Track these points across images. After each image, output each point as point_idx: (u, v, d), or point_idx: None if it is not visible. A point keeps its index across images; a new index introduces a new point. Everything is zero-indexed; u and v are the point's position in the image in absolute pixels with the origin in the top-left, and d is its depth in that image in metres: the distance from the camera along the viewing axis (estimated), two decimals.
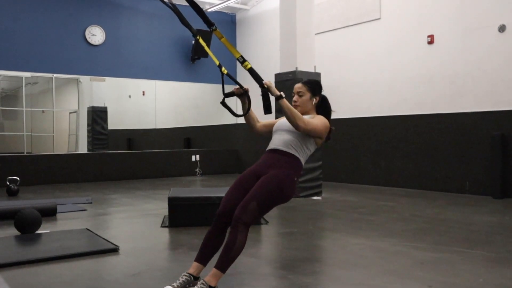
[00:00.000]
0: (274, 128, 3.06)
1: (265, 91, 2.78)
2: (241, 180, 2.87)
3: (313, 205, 6.28)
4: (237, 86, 2.94)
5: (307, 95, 3.05)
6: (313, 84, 3.12)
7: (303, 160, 2.94)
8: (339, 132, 9.04)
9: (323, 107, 3.14)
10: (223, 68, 2.91)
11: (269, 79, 2.95)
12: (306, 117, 2.94)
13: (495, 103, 6.95)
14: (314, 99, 3.07)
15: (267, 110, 2.79)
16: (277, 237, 4.47)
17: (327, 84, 8.48)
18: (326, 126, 2.98)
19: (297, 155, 2.89)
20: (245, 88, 2.91)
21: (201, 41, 2.97)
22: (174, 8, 2.97)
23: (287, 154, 2.87)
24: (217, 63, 2.87)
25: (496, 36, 6.96)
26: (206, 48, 3.04)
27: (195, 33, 2.89)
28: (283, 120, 3.02)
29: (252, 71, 2.79)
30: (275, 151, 2.91)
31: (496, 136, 6.74)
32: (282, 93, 2.76)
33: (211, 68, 11.37)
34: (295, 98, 3.06)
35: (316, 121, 2.94)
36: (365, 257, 3.57)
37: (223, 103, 2.96)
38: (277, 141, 2.94)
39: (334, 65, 9.29)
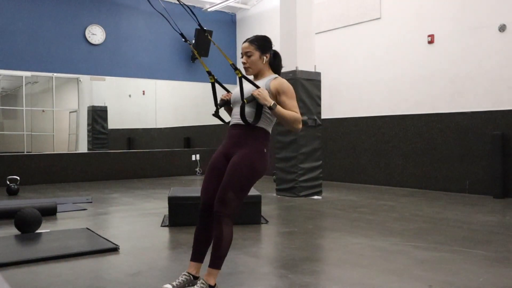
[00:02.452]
0: (232, 100, 2.91)
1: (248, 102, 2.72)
2: (213, 167, 2.79)
3: (313, 205, 6.28)
4: (225, 93, 2.96)
5: (256, 54, 2.83)
6: (261, 41, 2.87)
7: (268, 127, 2.80)
8: (339, 132, 9.05)
9: (275, 65, 2.93)
10: (211, 77, 2.90)
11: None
12: (261, 82, 2.82)
13: (495, 102, 6.95)
14: (265, 57, 2.85)
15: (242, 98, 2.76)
16: (277, 237, 4.47)
17: (327, 84, 8.51)
18: (293, 93, 2.82)
19: (259, 125, 2.75)
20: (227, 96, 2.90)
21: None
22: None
23: (247, 127, 2.74)
24: (230, 62, 2.80)
25: (496, 35, 6.95)
26: (218, 48, 2.97)
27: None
28: (236, 90, 2.87)
29: (241, 80, 2.76)
30: (236, 126, 2.79)
31: (496, 136, 6.74)
32: (273, 102, 2.67)
33: (211, 67, 11.32)
34: (244, 59, 2.86)
35: (293, 102, 2.77)
36: (365, 256, 3.57)
37: (216, 115, 2.93)
38: (236, 115, 2.81)
39: (334, 65, 9.29)
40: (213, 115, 2.95)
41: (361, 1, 8.87)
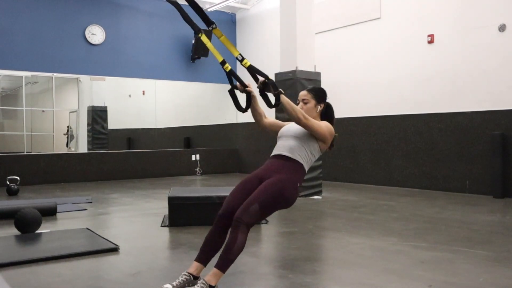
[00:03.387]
0: (280, 133, 3.09)
1: (261, 89, 2.78)
2: (244, 183, 2.89)
3: (313, 205, 6.28)
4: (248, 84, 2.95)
5: (312, 102, 3.07)
6: (318, 91, 3.13)
7: (306, 167, 2.96)
8: (339, 132, 9.04)
9: (328, 115, 3.16)
10: (226, 65, 2.87)
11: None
12: None
13: (495, 102, 6.94)
14: (319, 107, 3.09)
15: (269, 105, 2.79)
16: (277, 237, 4.47)
17: (326, 83, 8.49)
18: (331, 130, 3.00)
19: (301, 161, 2.91)
20: (247, 89, 2.89)
21: (203, 37, 2.95)
22: (176, 4, 2.97)
23: (291, 159, 2.90)
24: (220, 59, 2.84)
25: (496, 35, 6.95)
26: (209, 44, 2.99)
27: (197, 30, 2.87)
28: (289, 125, 3.06)
29: (251, 69, 2.79)
30: (279, 156, 2.94)
31: (496, 135, 6.74)
32: (280, 89, 2.75)
33: (211, 67, 11.37)
34: (300, 105, 3.06)
35: (320, 123, 2.96)
36: (365, 256, 3.57)
37: (231, 92, 2.94)
38: (282, 147, 2.97)
39: (334, 65, 9.29)
40: (229, 91, 2.94)
41: (361, 1, 8.87)
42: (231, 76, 2.86)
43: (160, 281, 2.93)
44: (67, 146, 11.45)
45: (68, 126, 11.55)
